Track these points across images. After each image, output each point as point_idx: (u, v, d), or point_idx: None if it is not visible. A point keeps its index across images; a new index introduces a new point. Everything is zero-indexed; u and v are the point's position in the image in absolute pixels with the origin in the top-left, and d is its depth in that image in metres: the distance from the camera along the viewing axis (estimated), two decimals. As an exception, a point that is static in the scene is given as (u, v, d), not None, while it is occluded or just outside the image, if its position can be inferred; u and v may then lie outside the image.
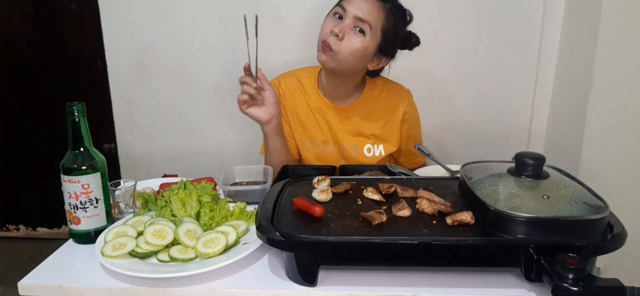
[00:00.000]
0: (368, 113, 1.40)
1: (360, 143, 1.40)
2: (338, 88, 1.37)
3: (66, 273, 0.87)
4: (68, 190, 0.95)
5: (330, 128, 1.41)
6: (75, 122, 0.95)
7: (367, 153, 1.40)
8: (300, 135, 1.43)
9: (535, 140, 1.98)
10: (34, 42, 2.35)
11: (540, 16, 1.84)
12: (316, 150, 1.42)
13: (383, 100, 1.40)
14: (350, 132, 1.40)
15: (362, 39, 1.24)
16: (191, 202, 1.00)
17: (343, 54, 1.24)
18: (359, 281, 0.81)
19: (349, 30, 1.23)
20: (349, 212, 0.88)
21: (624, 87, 1.55)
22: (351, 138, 1.40)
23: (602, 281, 0.69)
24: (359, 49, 1.25)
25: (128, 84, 2.14)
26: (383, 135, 1.40)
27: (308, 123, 1.42)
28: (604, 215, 0.76)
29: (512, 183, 0.85)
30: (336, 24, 1.24)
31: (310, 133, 1.42)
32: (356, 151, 1.40)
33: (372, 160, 1.41)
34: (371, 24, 1.23)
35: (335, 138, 1.41)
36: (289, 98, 1.42)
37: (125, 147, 2.25)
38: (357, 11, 1.22)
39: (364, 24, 1.23)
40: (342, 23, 1.23)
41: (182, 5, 1.99)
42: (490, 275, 0.82)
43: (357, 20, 1.23)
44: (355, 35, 1.24)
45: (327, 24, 1.27)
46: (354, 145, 1.40)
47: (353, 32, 1.24)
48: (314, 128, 1.41)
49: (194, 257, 0.87)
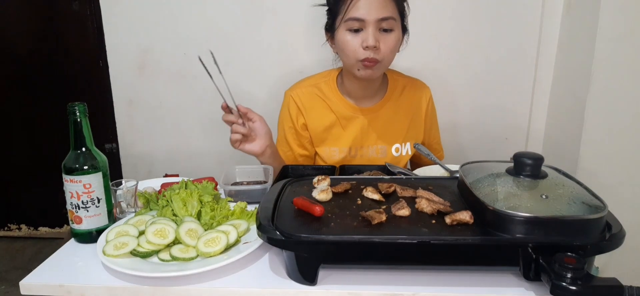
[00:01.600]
0: (395, 112, 1.36)
1: (389, 144, 1.36)
2: (368, 90, 1.33)
3: (68, 273, 0.87)
4: (70, 190, 0.95)
5: (358, 132, 1.35)
6: (77, 122, 0.95)
7: (395, 153, 1.36)
8: (325, 144, 1.37)
9: (534, 140, 1.98)
10: (35, 43, 2.35)
11: (539, 16, 1.84)
12: (343, 155, 1.37)
13: (407, 96, 1.37)
14: (379, 133, 1.35)
15: (393, 35, 1.20)
16: (192, 201, 1.00)
17: (387, 59, 1.21)
18: (359, 280, 0.81)
19: (379, 34, 1.18)
20: (349, 211, 0.88)
21: (622, 87, 1.55)
22: (380, 139, 1.36)
23: (601, 281, 0.69)
24: (395, 45, 1.22)
25: (130, 84, 2.14)
26: (410, 133, 1.37)
27: (334, 130, 1.36)
28: (602, 215, 0.76)
29: (510, 183, 0.85)
30: (365, 38, 1.17)
31: (336, 141, 1.36)
32: (385, 152, 1.36)
33: (400, 159, 1.37)
34: (393, 16, 1.19)
35: (365, 142, 1.36)
36: (309, 110, 1.36)
37: (126, 147, 2.26)
38: (377, 14, 1.16)
39: (388, 21, 1.18)
40: (368, 33, 1.17)
41: (183, 6, 2.00)
42: (489, 274, 0.82)
43: (380, 22, 1.17)
44: (386, 36, 1.19)
45: (351, 43, 1.19)
46: (383, 146, 1.36)
47: (382, 34, 1.19)
48: (340, 135, 1.36)
49: (195, 256, 0.88)
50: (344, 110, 1.34)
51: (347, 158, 1.36)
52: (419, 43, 1.93)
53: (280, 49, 1.99)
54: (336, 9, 1.21)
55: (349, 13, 1.17)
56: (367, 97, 1.34)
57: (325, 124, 1.36)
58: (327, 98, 1.35)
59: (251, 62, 2.01)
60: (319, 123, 1.36)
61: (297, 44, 1.97)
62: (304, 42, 1.93)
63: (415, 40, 1.92)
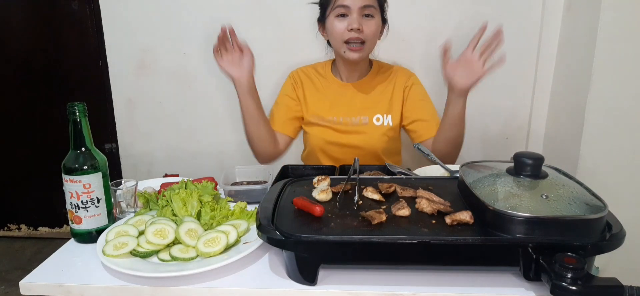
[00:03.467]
0: (376, 87, 1.53)
1: (370, 115, 1.51)
2: (356, 71, 1.51)
3: (67, 273, 0.87)
4: (69, 190, 0.95)
5: (344, 104, 1.52)
6: (76, 122, 0.95)
7: (376, 122, 1.50)
8: (315, 109, 1.54)
9: (534, 140, 1.98)
10: (35, 43, 2.35)
11: (540, 16, 1.85)
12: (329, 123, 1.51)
13: (387, 78, 1.54)
14: (361, 104, 1.52)
15: (374, 20, 1.38)
16: (192, 201, 1.00)
17: (369, 43, 1.40)
18: (359, 280, 0.81)
19: (362, 20, 1.36)
20: (349, 211, 0.88)
21: (623, 87, 1.55)
22: (362, 110, 1.51)
23: (601, 281, 0.69)
24: (377, 29, 1.40)
25: (129, 84, 2.15)
26: (391, 107, 1.52)
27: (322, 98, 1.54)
28: (603, 215, 0.76)
29: (511, 183, 0.85)
30: (350, 22, 1.35)
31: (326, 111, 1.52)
32: (367, 121, 1.51)
33: (382, 128, 1.50)
34: (373, 5, 1.37)
35: (349, 112, 1.51)
36: (307, 82, 1.56)
37: (126, 146, 2.26)
38: (360, 2, 1.34)
39: (370, 8, 1.36)
40: (352, 18, 1.35)
41: (182, 5, 2.00)
42: (489, 274, 0.82)
43: (363, 9, 1.35)
44: (368, 21, 1.37)
45: (338, 27, 1.38)
46: (365, 117, 1.51)
47: (364, 19, 1.37)
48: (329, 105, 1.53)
49: (195, 256, 0.88)
50: (333, 86, 1.55)
51: (333, 125, 1.51)
52: (419, 43, 1.94)
53: (281, 48, 1.99)
54: (326, 2, 1.41)
55: (337, 2, 1.37)
56: (356, 77, 1.54)
57: (317, 95, 1.55)
58: (322, 76, 1.57)
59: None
60: (312, 93, 1.56)
61: (297, 41, 1.97)
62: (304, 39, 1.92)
63: (416, 40, 1.94)
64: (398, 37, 1.93)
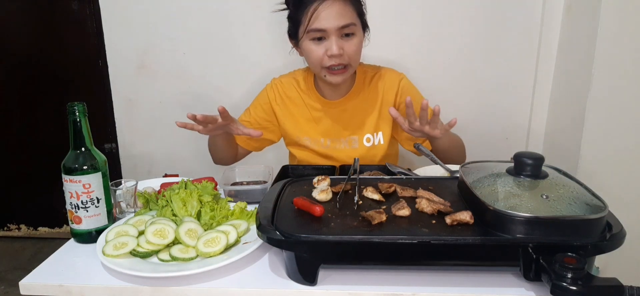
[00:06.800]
0: (362, 103, 1.40)
1: (359, 136, 1.40)
2: (339, 89, 1.38)
3: (67, 273, 0.87)
4: (69, 190, 0.95)
5: (329, 125, 1.41)
6: (76, 122, 0.95)
7: (366, 143, 1.40)
8: (297, 132, 1.43)
9: (534, 140, 1.98)
10: (34, 43, 2.35)
11: (540, 17, 1.84)
12: (316, 146, 1.42)
13: (374, 87, 1.40)
14: (347, 125, 1.40)
15: (355, 39, 1.25)
16: (192, 201, 1.00)
17: (353, 61, 1.27)
18: (359, 280, 0.81)
19: (342, 41, 1.23)
20: (349, 211, 0.88)
21: (623, 87, 1.55)
22: (349, 131, 1.41)
23: (601, 281, 0.69)
24: (359, 48, 1.27)
25: (129, 84, 2.15)
26: (380, 122, 1.40)
27: (302, 120, 1.42)
28: (603, 215, 0.76)
29: (511, 183, 0.85)
30: (328, 47, 1.22)
31: (308, 132, 1.42)
32: (356, 142, 1.40)
33: (373, 149, 1.40)
34: (353, 22, 1.23)
35: (335, 134, 1.41)
36: (285, 99, 1.43)
37: (126, 146, 2.26)
38: (338, 22, 1.20)
39: (349, 27, 1.23)
40: (331, 41, 1.22)
41: (182, 5, 2.00)
42: (489, 274, 0.82)
43: (341, 29, 1.22)
44: (348, 41, 1.24)
45: (315, 51, 1.24)
46: (354, 137, 1.41)
47: (344, 40, 1.24)
48: (312, 127, 1.42)
49: (195, 256, 0.88)
50: (314, 104, 1.41)
51: (320, 150, 1.42)
52: (419, 43, 1.94)
53: (281, 46, 1.99)
54: (297, 18, 1.25)
55: (312, 25, 1.21)
56: (337, 94, 1.40)
57: (295, 114, 1.43)
58: (302, 91, 1.42)
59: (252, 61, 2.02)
60: (288, 112, 1.43)
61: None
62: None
63: (416, 40, 1.94)
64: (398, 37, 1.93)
